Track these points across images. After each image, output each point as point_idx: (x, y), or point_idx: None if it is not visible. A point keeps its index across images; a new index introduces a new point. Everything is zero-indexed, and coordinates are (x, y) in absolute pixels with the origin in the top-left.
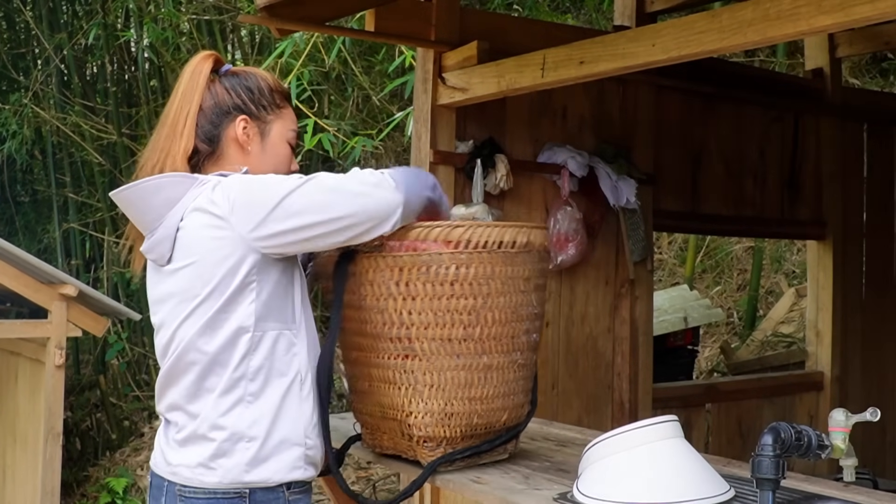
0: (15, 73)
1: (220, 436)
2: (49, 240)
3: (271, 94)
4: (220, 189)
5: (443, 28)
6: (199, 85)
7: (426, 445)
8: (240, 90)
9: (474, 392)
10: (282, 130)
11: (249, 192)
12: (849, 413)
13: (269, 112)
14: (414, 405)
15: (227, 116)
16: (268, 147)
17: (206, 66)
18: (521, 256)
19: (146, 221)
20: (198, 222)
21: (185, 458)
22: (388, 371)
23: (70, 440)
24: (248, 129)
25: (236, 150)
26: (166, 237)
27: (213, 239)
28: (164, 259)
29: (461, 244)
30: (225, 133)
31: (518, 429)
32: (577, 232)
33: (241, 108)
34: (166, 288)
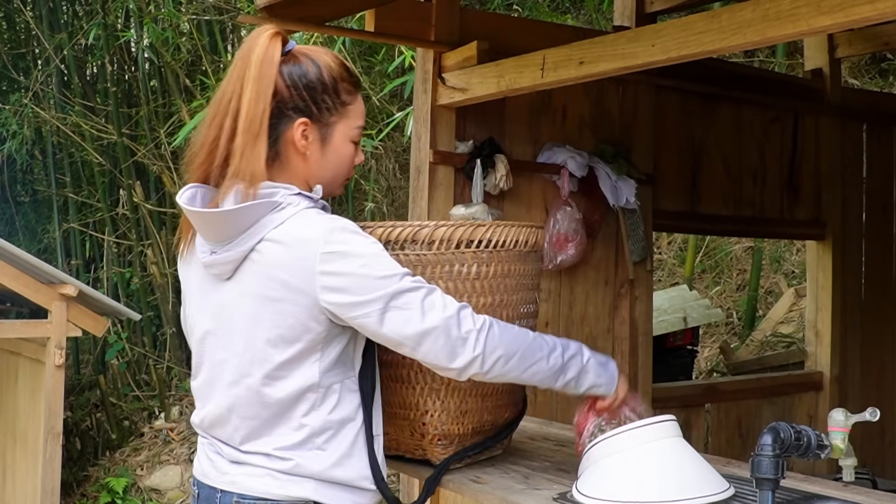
0: (15, 73)
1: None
2: (49, 240)
3: (336, 89)
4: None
5: (442, 28)
6: (272, 74)
7: (440, 443)
8: (301, 87)
9: (488, 389)
10: (345, 131)
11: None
12: (848, 413)
13: (333, 113)
14: (430, 403)
15: (285, 118)
16: (329, 152)
17: (277, 50)
18: (531, 256)
19: (213, 238)
20: (275, 257)
21: (249, 469)
22: (403, 370)
23: (70, 440)
24: (308, 132)
25: (294, 155)
26: (235, 259)
27: (283, 282)
28: (224, 276)
29: (483, 243)
30: (283, 135)
31: (516, 423)
32: (576, 232)
33: (301, 110)
34: (226, 307)
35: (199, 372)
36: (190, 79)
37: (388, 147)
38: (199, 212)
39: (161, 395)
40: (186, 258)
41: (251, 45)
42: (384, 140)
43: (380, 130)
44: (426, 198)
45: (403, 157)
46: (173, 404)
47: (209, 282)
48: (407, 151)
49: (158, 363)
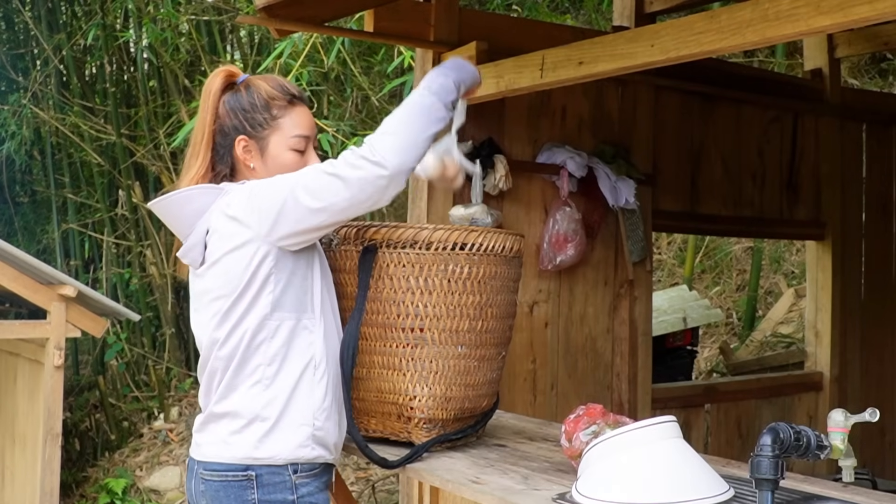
0: (14, 73)
1: (238, 416)
2: (48, 240)
3: (266, 107)
4: (235, 194)
5: (442, 28)
6: (209, 105)
7: (424, 427)
8: (236, 110)
9: (470, 379)
10: (281, 140)
11: (259, 195)
12: (848, 413)
13: (265, 127)
14: (419, 390)
15: (228, 138)
16: (269, 161)
17: (216, 83)
18: (514, 261)
19: (181, 230)
20: (221, 226)
21: (208, 437)
22: (395, 358)
23: (69, 441)
24: (249, 147)
25: (244, 167)
26: (197, 243)
27: (233, 238)
28: (196, 263)
29: (475, 247)
30: (232, 153)
31: (492, 413)
32: (576, 232)
33: (238, 129)
34: (199, 287)
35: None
36: (189, 79)
37: None
38: (160, 199)
39: (160, 395)
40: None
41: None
42: None
43: None
44: (425, 198)
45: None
46: (172, 405)
47: (192, 278)
48: None
49: (158, 364)
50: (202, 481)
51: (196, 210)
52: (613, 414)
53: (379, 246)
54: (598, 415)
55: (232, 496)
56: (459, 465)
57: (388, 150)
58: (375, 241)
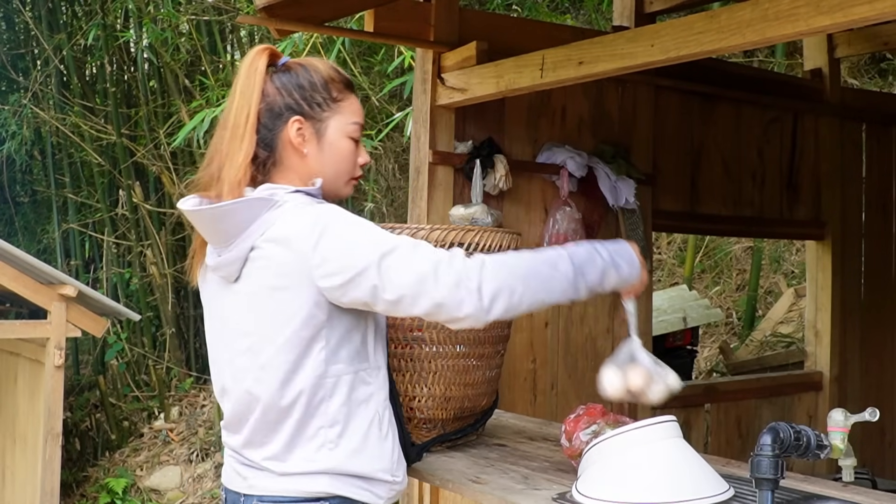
0: (14, 73)
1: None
2: (48, 240)
3: (326, 87)
4: (291, 217)
5: (442, 28)
6: (256, 83)
7: (424, 427)
8: (291, 88)
9: (469, 378)
10: (340, 125)
11: (337, 246)
12: (847, 413)
13: (325, 108)
14: (418, 390)
15: (279, 119)
16: (325, 147)
17: (262, 61)
18: None
19: (216, 240)
20: (274, 254)
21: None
22: (394, 359)
23: (69, 440)
24: (303, 130)
25: (293, 153)
26: (237, 259)
27: (284, 276)
28: (232, 277)
29: (472, 246)
30: (280, 136)
31: (492, 411)
32: (576, 232)
33: (293, 109)
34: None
35: (217, 377)
36: (189, 79)
37: (388, 147)
38: (194, 211)
39: (160, 395)
40: (201, 277)
41: (243, 61)
42: (384, 140)
43: (379, 131)
44: (426, 198)
45: (403, 158)
46: (173, 405)
47: (219, 287)
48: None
49: (158, 364)
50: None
51: (239, 224)
52: (614, 413)
53: None
54: (598, 414)
55: None
56: (459, 464)
57: (498, 303)
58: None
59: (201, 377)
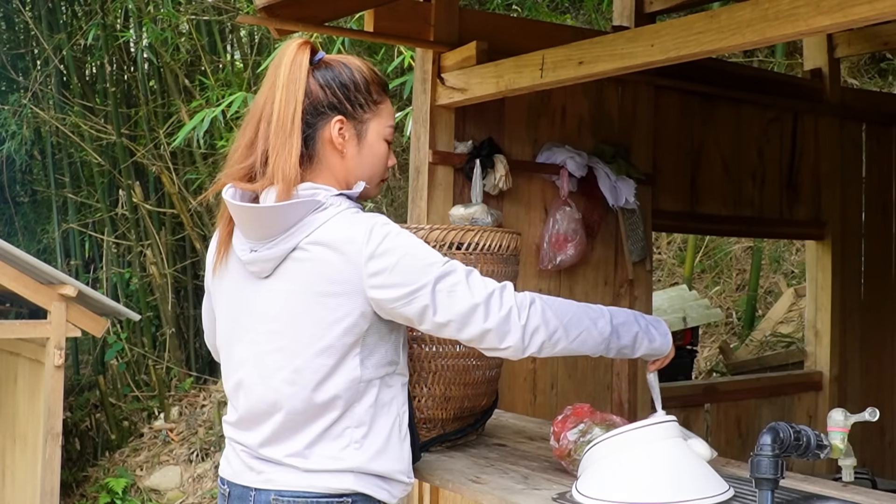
0: (14, 73)
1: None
2: (48, 240)
3: (368, 89)
4: (359, 231)
5: (442, 28)
6: (301, 78)
7: (424, 427)
8: (335, 87)
9: (468, 378)
10: (379, 129)
11: (397, 260)
12: (847, 413)
13: (367, 110)
14: (418, 390)
15: (321, 116)
16: (364, 149)
17: (306, 56)
18: (511, 259)
19: (256, 236)
20: (324, 258)
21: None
22: None
23: (69, 440)
24: (344, 130)
25: (332, 153)
26: (276, 257)
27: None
28: (264, 274)
29: (471, 246)
30: (320, 134)
31: (492, 411)
32: (575, 232)
33: (336, 108)
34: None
35: (233, 371)
36: (189, 79)
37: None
38: (245, 207)
39: (160, 395)
40: (220, 273)
41: (281, 55)
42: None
43: None
44: (425, 198)
45: (403, 158)
46: (173, 405)
47: (244, 279)
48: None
49: (158, 363)
50: None
51: (284, 223)
52: (601, 413)
53: None
54: (586, 414)
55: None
56: (459, 464)
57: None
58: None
59: (201, 377)
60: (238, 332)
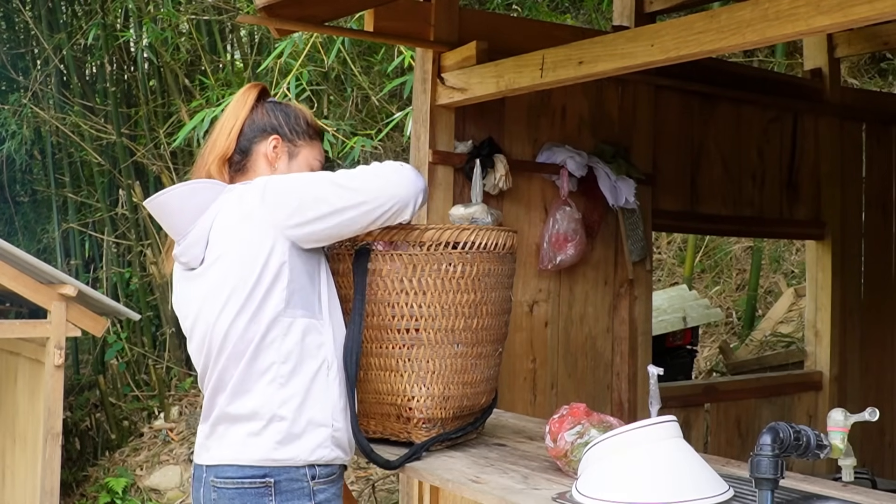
0: (14, 73)
1: (255, 417)
2: (48, 240)
3: (306, 124)
4: (249, 187)
5: (442, 28)
6: (245, 106)
7: (424, 426)
8: (278, 113)
9: (467, 377)
10: (309, 158)
11: (280, 182)
12: (847, 413)
13: (301, 139)
14: (416, 390)
15: (261, 133)
16: (294, 168)
17: (254, 93)
18: (508, 257)
19: (179, 226)
20: (229, 220)
21: (221, 441)
22: (392, 360)
23: (69, 440)
24: (278, 148)
25: (264, 164)
26: (199, 238)
27: (245, 230)
28: (196, 261)
29: (467, 245)
30: (256, 148)
31: (491, 409)
32: (575, 232)
33: (275, 129)
34: (199, 288)
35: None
36: (189, 79)
37: (388, 147)
38: (156, 199)
39: (160, 395)
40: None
41: (237, 93)
42: (383, 140)
43: (379, 130)
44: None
45: (403, 157)
46: (173, 404)
47: (184, 282)
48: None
49: (158, 363)
50: (214, 489)
51: (198, 205)
52: (598, 414)
53: (372, 247)
54: (582, 414)
55: (248, 503)
56: (459, 464)
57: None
58: (368, 243)
59: None
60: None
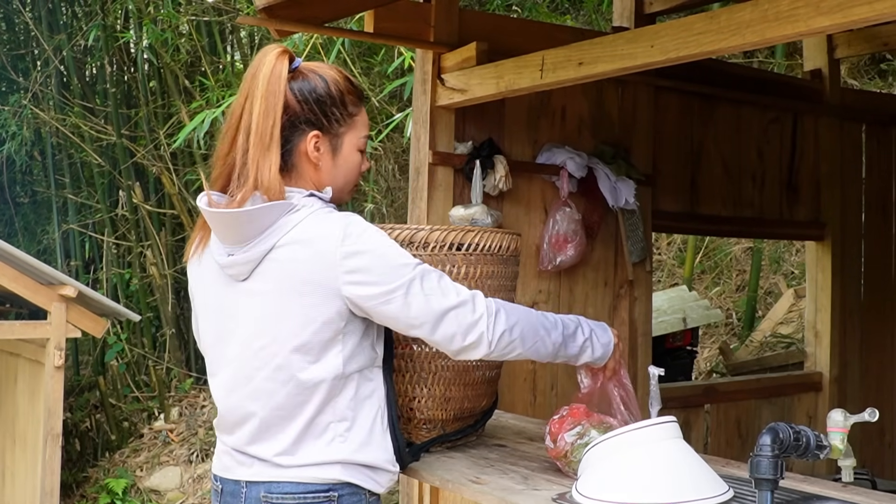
0: (14, 74)
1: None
2: (48, 241)
3: (343, 101)
4: (333, 227)
5: (442, 29)
6: (280, 90)
7: (424, 427)
8: (311, 101)
9: (468, 378)
10: (353, 140)
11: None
12: (847, 413)
13: (342, 124)
14: (418, 390)
15: (298, 131)
16: (339, 161)
17: (285, 67)
18: (511, 259)
19: (233, 240)
20: (299, 257)
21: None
22: (394, 360)
23: (69, 441)
24: (320, 143)
25: (307, 164)
26: (252, 260)
27: (311, 282)
28: (241, 277)
29: (472, 247)
30: (296, 148)
31: (492, 412)
32: (575, 233)
33: (312, 123)
34: (246, 305)
35: (217, 372)
36: (189, 80)
37: (388, 148)
38: (218, 212)
39: (161, 396)
40: (196, 261)
41: (259, 64)
42: (384, 141)
43: (379, 131)
44: (425, 199)
45: (403, 158)
46: (173, 405)
47: (224, 283)
48: (406, 152)
49: (158, 364)
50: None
51: (259, 227)
52: (598, 414)
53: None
54: (582, 415)
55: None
56: (459, 465)
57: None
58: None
59: (201, 378)
60: (223, 335)
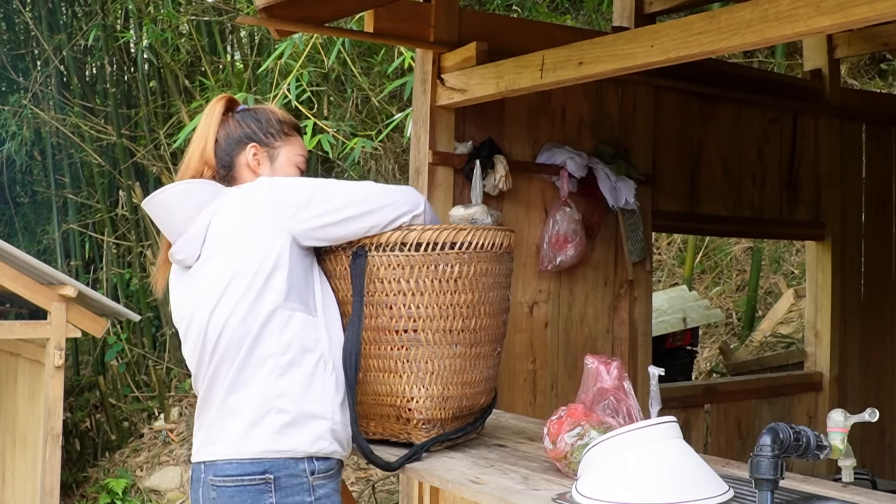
0: (14, 74)
1: (253, 409)
2: (48, 241)
3: (279, 124)
4: (252, 185)
5: (442, 29)
6: (211, 123)
7: (424, 427)
8: (249, 121)
9: (466, 377)
10: (289, 155)
11: (289, 180)
12: (847, 414)
13: (277, 139)
14: (416, 391)
15: (238, 145)
16: (277, 170)
17: (219, 106)
18: (505, 257)
19: (176, 224)
20: (229, 216)
21: (219, 435)
22: (391, 361)
23: (69, 441)
24: (258, 154)
25: (248, 173)
26: (197, 235)
27: (247, 224)
28: (192, 258)
29: (464, 245)
30: (238, 160)
31: (491, 409)
32: (575, 233)
33: (250, 137)
34: (195, 284)
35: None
36: (189, 80)
37: (388, 148)
38: (152, 199)
39: (160, 395)
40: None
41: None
42: (384, 141)
43: (379, 131)
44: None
45: (403, 158)
46: (173, 405)
47: (179, 281)
48: (406, 152)
49: (158, 364)
50: (213, 488)
51: (197, 202)
52: (597, 413)
53: (368, 249)
54: (581, 415)
55: (248, 501)
56: (459, 465)
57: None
58: (365, 245)
59: None
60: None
